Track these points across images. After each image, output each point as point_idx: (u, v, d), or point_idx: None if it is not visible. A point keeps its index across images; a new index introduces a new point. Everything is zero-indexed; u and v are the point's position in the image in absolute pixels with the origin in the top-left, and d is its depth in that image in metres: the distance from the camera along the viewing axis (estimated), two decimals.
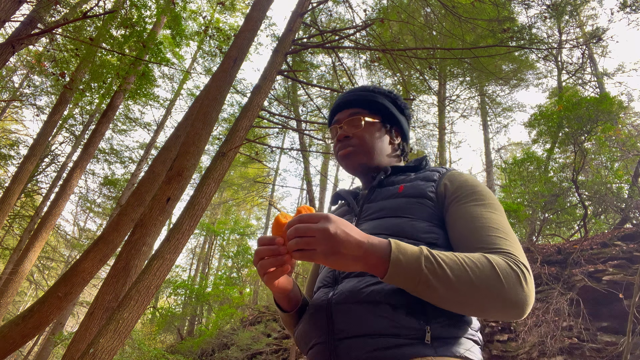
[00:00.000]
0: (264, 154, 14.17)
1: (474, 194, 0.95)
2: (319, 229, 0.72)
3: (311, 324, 0.91)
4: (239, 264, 15.35)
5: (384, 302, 0.81)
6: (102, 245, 5.71)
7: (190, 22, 12.11)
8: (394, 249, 0.75)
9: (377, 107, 1.17)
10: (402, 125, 1.20)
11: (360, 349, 0.80)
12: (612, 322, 5.09)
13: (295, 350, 9.37)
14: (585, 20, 12.58)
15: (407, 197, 0.99)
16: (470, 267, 0.76)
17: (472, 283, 0.74)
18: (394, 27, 8.98)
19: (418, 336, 0.79)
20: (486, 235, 0.86)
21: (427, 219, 0.94)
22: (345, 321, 0.84)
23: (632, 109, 11.80)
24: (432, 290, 0.74)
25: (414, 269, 0.74)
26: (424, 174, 1.05)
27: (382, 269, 0.75)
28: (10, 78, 12.65)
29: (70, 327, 17.74)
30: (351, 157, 1.13)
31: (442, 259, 0.75)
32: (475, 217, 0.89)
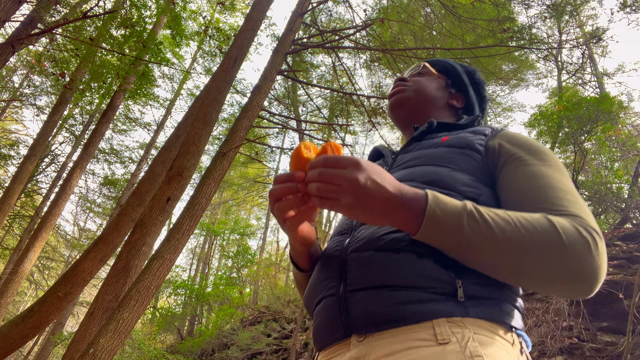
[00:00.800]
0: (264, 154, 14.17)
1: (537, 153, 0.80)
2: (346, 178, 0.60)
3: (321, 274, 0.78)
4: (239, 264, 15.35)
5: (407, 249, 0.69)
6: (102, 245, 5.71)
7: (190, 22, 12.11)
8: (430, 202, 0.62)
9: (446, 68, 1.10)
10: (470, 96, 1.08)
11: (375, 302, 0.67)
12: (612, 322, 5.09)
13: (295, 350, 9.37)
14: (585, 20, 12.58)
15: (450, 147, 0.84)
16: (526, 228, 0.62)
17: (528, 248, 0.61)
18: (394, 27, 8.99)
19: (447, 291, 0.66)
20: (551, 195, 0.71)
21: (471, 172, 0.79)
22: (361, 270, 0.71)
23: (632, 109, 11.80)
24: (475, 254, 0.63)
25: (454, 227, 0.61)
26: (473, 129, 0.91)
27: (415, 226, 0.63)
28: (10, 78, 12.65)
29: (70, 327, 17.73)
30: (400, 95, 1.04)
31: (490, 217, 0.63)
32: (539, 176, 0.75)
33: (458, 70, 1.10)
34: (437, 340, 0.61)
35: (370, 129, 12.01)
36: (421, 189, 0.67)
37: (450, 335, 0.61)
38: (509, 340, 0.66)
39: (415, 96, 1.03)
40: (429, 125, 0.95)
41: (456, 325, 0.63)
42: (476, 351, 0.59)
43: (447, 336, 0.61)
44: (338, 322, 0.70)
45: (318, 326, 0.75)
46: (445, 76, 1.09)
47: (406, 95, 1.03)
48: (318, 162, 0.63)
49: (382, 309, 0.66)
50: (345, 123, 10.50)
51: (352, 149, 14.83)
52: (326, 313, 0.73)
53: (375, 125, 8.41)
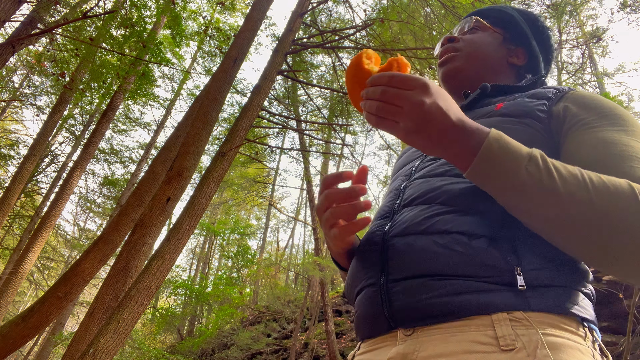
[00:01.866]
0: (264, 154, 14.16)
1: (611, 116, 0.67)
2: (411, 102, 0.55)
3: (360, 262, 0.71)
4: (239, 264, 15.35)
5: (456, 231, 0.61)
6: (102, 245, 5.71)
7: (190, 22, 12.11)
8: (492, 136, 0.56)
9: (502, 18, 0.94)
10: (532, 49, 0.93)
11: (422, 292, 0.59)
12: (612, 322, 5.09)
13: (295, 350, 9.37)
14: (585, 20, 12.58)
15: (505, 116, 0.74)
16: (597, 187, 0.52)
17: (595, 206, 0.51)
18: (394, 27, 8.98)
19: (505, 280, 0.57)
20: (629, 166, 0.58)
21: (531, 142, 0.66)
22: (403, 257, 0.63)
23: (632, 109, 11.80)
24: (528, 204, 0.54)
25: (509, 167, 0.54)
26: (534, 91, 0.79)
27: (467, 160, 0.57)
28: (10, 78, 12.64)
29: (70, 327, 17.73)
30: (451, 62, 0.90)
31: (556, 167, 0.54)
32: (614, 142, 0.62)
33: (517, 19, 0.93)
34: (499, 346, 0.53)
35: (370, 129, 12.00)
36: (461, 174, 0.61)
37: (515, 339, 0.53)
38: (581, 335, 0.57)
39: (470, 63, 0.89)
40: (481, 90, 0.84)
41: (520, 324, 0.54)
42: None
43: (511, 341, 0.53)
44: (380, 314, 0.63)
45: (360, 317, 0.69)
46: (501, 29, 0.93)
47: (458, 66, 0.90)
48: (382, 79, 0.57)
49: (428, 301, 0.58)
50: (345, 123, 10.50)
51: (352, 149, 14.83)
52: (368, 304, 0.66)
53: None
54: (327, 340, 9.10)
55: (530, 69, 0.94)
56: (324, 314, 9.98)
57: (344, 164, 17.50)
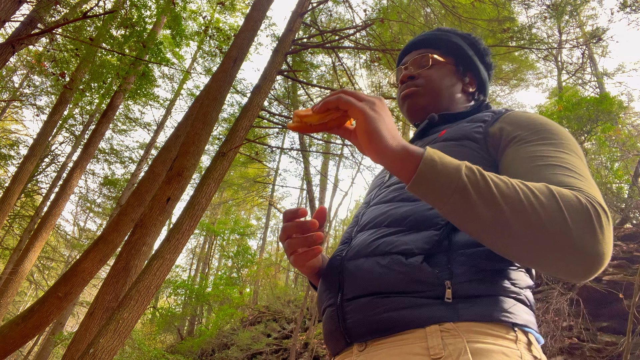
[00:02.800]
0: (264, 154, 14.16)
1: (541, 131, 0.73)
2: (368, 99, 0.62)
3: (323, 285, 0.79)
4: (239, 264, 15.36)
5: (395, 252, 0.68)
6: (102, 245, 5.71)
7: (190, 22, 12.11)
8: (429, 150, 0.60)
9: (451, 48, 1.00)
10: (480, 73, 1.01)
11: (369, 310, 0.66)
12: (612, 322, 5.09)
13: (295, 350, 9.37)
14: (585, 20, 12.58)
15: (447, 141, 0.81)
16: (524, 190, 0.57)
17: (524, 209, 0.55)
18: (394, 27, 8.98)
19: (436, 294, 0.62)
20: (551, 173, 0.64)
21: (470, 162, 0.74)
22: (354, 279, 0.71)
23: (632, 109, 11.81)
24: (469, 206, 0.57)
25: (450, 174, 0.57)
26: (473, 116, 0.87)
27: (411, 168, 0.59)
28: (10, 78, 12.65)
29: (70, 327, 17.73)
30: (414, 97, 0.97)
31: (488, 174, 0.59)
32: (541, 156, 0.68)
33: (462, 46, 1.00)
34: (430, 355, 0.59)
35: None
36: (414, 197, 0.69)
37: (443, 348, 0.58)
38: (511, 338, 0.60)
39: (431, 98, 0.96)
40: (429, 121, 0.92)
41: (449, 334, 0.59)
42: None
43: (439, 350, 0.58)
44: (338, 331, 0.71)
45: (325, 335, 0.78)
46: (452, 58, 1.00)
47: (422, 101, 0.96)
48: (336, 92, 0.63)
49: (374, 317, 0.65)
50: None
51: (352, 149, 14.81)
52: (329, 322, 0.74)
53: None
54: None
55: (480, 90, 1.03)
56: None
57: (344, 164, 17.49)
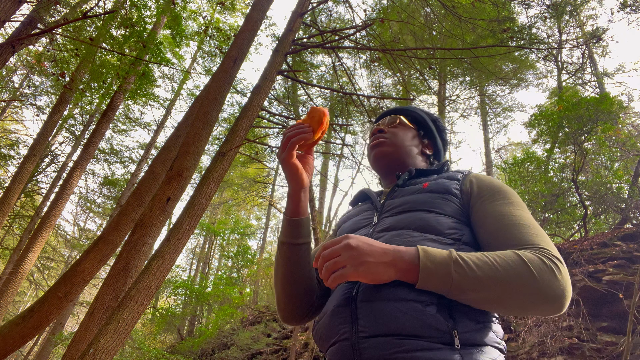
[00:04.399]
0: (264, 154, 14.16)
1: (499, 193, 0.95)
2: (341, 246, 0.75)
3: (334, 320, 0.87)
4: (239, 264, 15.36)
5: (413, 299, 0.78)
6: (102, 245, 5.71)
7: (190, 22, 12.11)
8: (422, 257, 0.75)
9: (416, 118, 1.24)
10: (436, 142, 1.25)
11: (385, 349, 0.76)
12: (612, 322, 5.08)
13: (295, 350, 9.37)
14: (585, 20, 12.58)
15: (432, 192, 0.98)
16: (501, 265, 0.75)
17: (505, 282, 0.74)
18: (394, 27, 8.98)
19: (445, 340, 0.75)
20: (517, 232, 0.85)
21: (452, 214, 0.93)
22: (371, 319, 0.80)
23: (632, 109, 11.79)
24: (466, 294, 0.75)
25: (444, 275, 0.74)
26: (447, 174, 1.06)
27: (414, 275, 0.75)
28: (10, 78, 12.65)
29: (70, 327, 17.74)
30: (381, 147, 1.17)
31: (472, 261, 0.75)
32: (504, 215, 0.89)
33: (427, 120, 1.24)
34: None
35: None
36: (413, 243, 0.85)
37: None
38: None
39: (395, 148, 1.16)
40: (409, 173, 1.10)
41: None
42: None
43: None
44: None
45: None
46: (416, 126, 1.23)
47: (387, 150, 1.16)
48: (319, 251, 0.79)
49: (392, 356, 0.75)
50: (345, 123, 10.50)
51: (352, 149, 14.82)
52: (340, 356, 0.82)
53: None
54: None
55: (436, 156, 1.25)
56: None
57: (344, 164, 17.50)
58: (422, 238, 0.88)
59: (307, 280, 1.00)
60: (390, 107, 10.45)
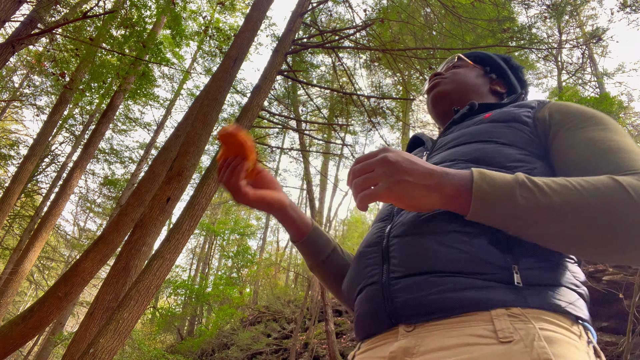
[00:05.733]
0: (264, 154, 14.16)
1: (592, 118, 0.73)
2: (376, 160, 0.60)
3: (361, 262, 0.73)
4: (239, 264, 15.35)
5: (456, 230, 0.63)
6: (102, 245, 5.71)
7: (190, 22, 12.11)
8: (476, 177, 0.58)
9: (480, 57, 1.05)
10: (511, 81, 1.03)
11: (422, 289, 0.61)
12: (612, 322, 5.09)
13: (295, 350, 9.37)
14: (585, 20, 12.58)
15: (494, 122, 0.79)
16: (587, 189, 0.56)
17: (592, 210, 0.55)
18: (394, 27, 8.98)
19: (502, 277, 0.59)
20: (614, 157, 0.64)
21: (520, 145, 0.73)
22: (405, 256, 0.66)
23: (632, 109, 11.80)
24: (535, 227, 0.57)
25: (506, 201, 0.57)
26: (518, 103, 0.85)
27: (465, 202, 0.59)
28: (10, 78, 12.64)
29: (70, 327, 17.73)
30: (439, 88, 0.99)
31: (545, 184, 0.57)
32: (599, 140, 0.68)
33: (494, 57, 1.05)
34: (498, 338, 0.54)
35: (370, 129, 12.00)
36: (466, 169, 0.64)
37: (513, 332, 0.54)
38: (576, 333, 0.58)
39: (456, 87, 0.98)
40: (470, 107, 0.89)
41: (518, 319, 0.56)
42: (544, 352, 0.52)
43: (509, 333, 0.54)
44: (382, 311, 0.65)
45: (360, 316, 0.71)
46: (481, 65, 1.04)
47: (445, 89, 0.98)
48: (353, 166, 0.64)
49: (429, 297, 0.60)
50: (345, 123, 10.50)
51: (352, 149, 14.82)
52: (369, 302, 0.68)
53: (375, 125, 8.42)
54: (327, 340, 9.10)
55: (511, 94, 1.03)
56: (324, 314, 9.98)
57: (344, 164, 17.50)
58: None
59: None
60: (391, 106, 10.41)
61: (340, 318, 11.52)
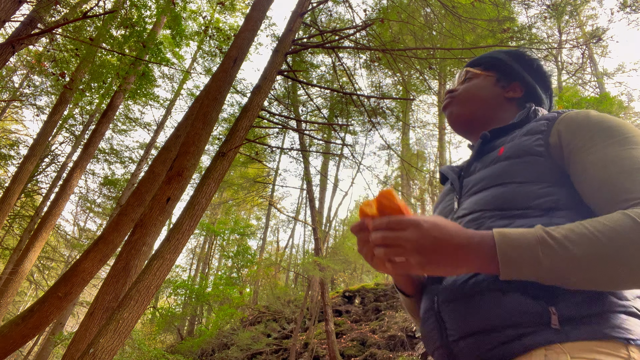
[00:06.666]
0: (264, 154, 14.16)
1: (601, 132, 0.73)
2: (408, 239, 0.62)
3: (425, 327, 0.82)
4: (239, 264, 15.35)
5: (491, 289, 0.68)
6: (102, 245, 5.71)
7: (190, 22, 12.11)
8: (499, 244, 0.61)
9: (491, 63, 1.04)
10: (527, 81, 1.01)
11: (476, 349, 0.68)
12: None
13: (295, 350, 9.37)
14: (585, 20, 12.59)
15: (509, 159, 0.81)
16: (604, 234, 0.58)
17: (612, 254, 0.57)
18: (394, 27, 8.98)
19: (542, 321, 0.63)
20: (626, 181, 0.65)
21: (539, 179, 0.75)
22: (455, 320, 0.73)
23: (632, 109, 11.80)
24: (563, 279, 0.60)
25: (531, 262, 0.60)
26: (529, 126, 0.85)
27: (495, 268, 0.63)
28: (10, 78, 12.64)
29: (70, 327, 17.74)
30: (450, 107, 1.03)
31: (564, 237, 0.60)
32: (610, 161, 0.68)
33: (504, 59, 1.04)
34: None
35: (370, 129, 12.01)
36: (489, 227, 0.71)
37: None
38: (623, 356, 0.59)
39: (468, 107, 1.01)
40: (482, 140, 0.93)
41: (553, 351, 0.60)
42: None
43: None
44: None
45: None
46: (493, 71, 1.03)
47: (458, 111, 1.02)
48: (381, 225, 0.65)
49: (485, 354, 0.67)
50: (345, 123, 10.51)
51: (352, 149, 14.82)
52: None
53: (375, 125, 8.42)
54: (327, 340, 9.10)
55: (530, 98, 1.01)
56: (324, 314, 9.98)
57: (344, 164, 17.50)
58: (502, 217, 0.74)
59: None
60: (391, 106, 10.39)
61: (340, 318, 11.52)
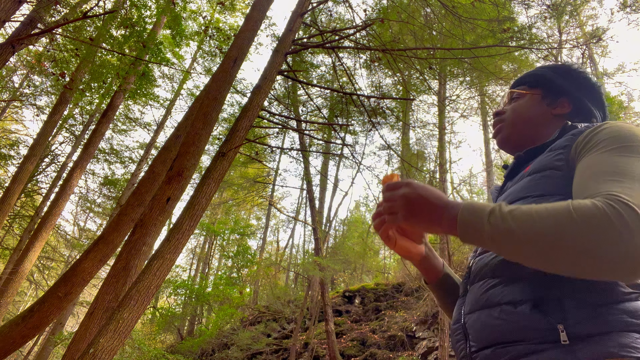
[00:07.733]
0: (264, 154, 14.16)
1: (605, 140, 0.74)
2: (399, 195, 0.75)
3: (453, 337, 0.88)
4: (239, 264, 15.35)
5: (504, 302, 0.74)
6: (102, 245, 5.71)
7: (190, 22, 12.11)
8: (462, 208, 0.68)
9: (536, 80, 1.07)
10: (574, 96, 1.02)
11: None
12: None
13: (295, 350, 9.37)
14: (585, 20, 12.58)
15: (531, 174, 0.85)
16: (540, 214, 0.61)
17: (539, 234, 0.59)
18: (394, 27, 8.98)
19: (550, 338, 0.66)
20: (594, 182, 0.66)
21: (557, 192, 0.77)
22: (474, 331, 0.79)
23: (632, 109, 11.80)
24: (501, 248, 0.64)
25: (476, 228, 0.66)
26: (554, 144, 0.87)
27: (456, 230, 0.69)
28: (10, 78, 12.64)
29: (70, 327, 17.73)
30: (499, 132, 1.06)
31: (511, 212, 0.63)
32: (592, 164, 0.71)
33: (548, 75, 1.05)
34: None
35: (370, 129, 12.00)
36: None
37: None
38: None
39: (515, 129, 1.03)
40: (516, 161, 0.98)
41: None
42: None
43: None
44: None
45: None
46: (538, 89, 1.05)
47: (506, 134, 1.04)
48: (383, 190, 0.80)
49: None
50: (345, 123, 10.50)
51: (352, 149, 14.82)
52: None
53: (375, 125, 8.42)
54: (327, 340, 9.10)
55: (579, 112, 1.01)
56: (324, 314, 9.98)
57: (344, 164, 17.49)
58: None
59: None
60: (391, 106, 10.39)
61: (340, 318, 11.52)
